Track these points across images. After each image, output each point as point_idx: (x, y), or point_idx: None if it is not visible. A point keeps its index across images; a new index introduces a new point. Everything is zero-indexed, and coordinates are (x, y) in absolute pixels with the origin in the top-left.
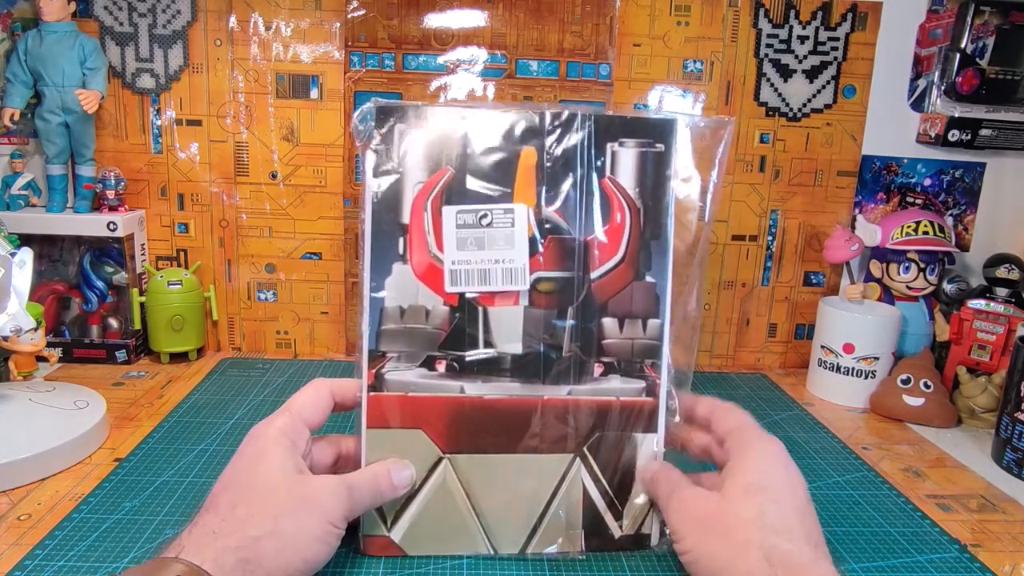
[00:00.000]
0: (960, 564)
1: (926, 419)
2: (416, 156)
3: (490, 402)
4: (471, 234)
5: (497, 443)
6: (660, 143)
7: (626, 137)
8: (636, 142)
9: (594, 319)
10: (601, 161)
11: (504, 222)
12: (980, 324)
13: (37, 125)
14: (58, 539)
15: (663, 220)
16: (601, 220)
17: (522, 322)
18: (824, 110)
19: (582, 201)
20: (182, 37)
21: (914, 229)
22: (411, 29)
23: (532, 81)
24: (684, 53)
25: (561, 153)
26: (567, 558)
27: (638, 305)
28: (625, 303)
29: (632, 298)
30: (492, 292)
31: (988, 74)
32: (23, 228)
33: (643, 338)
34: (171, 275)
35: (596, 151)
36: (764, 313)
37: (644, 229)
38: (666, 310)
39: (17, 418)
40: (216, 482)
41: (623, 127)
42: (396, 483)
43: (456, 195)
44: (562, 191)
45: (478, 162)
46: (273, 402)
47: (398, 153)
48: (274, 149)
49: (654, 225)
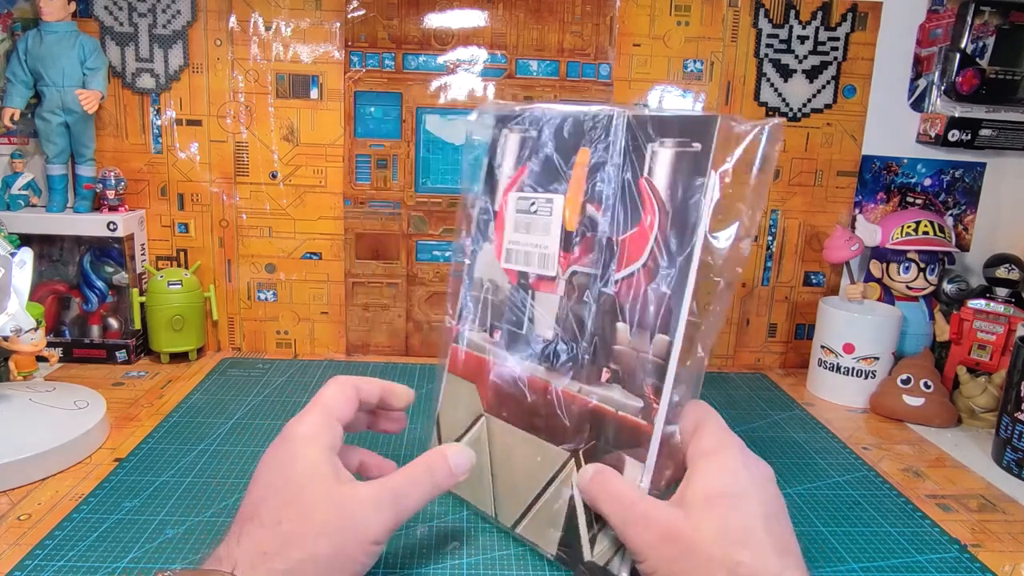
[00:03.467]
0: (960, 564)
1: (926, 419)
2: (511, 153)
3: (516, 378)
4: (523, 219)
5: (516, 417)
6: (697, 142)
7: (665, 136)
8: (674, 142)
9: (611, 321)
10: (640, 161)
11: (545, 210)
12: (980, 324)
13: (37, 125)
14: (58, 539)
15: (691, 227)
16: (632, 220)
17: (556, 310)
18: (824, 110)
19: (618, 200)
20: (182, 37)
21: (914, 229)
22: (411, 29)
23: (532, 81)
24: (684, 53)
25: (605, 150)
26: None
27: (648, 315)
28: (638, 310)
29: (644, 306)
30: (529, 273)
31: (988, 74)
32: (23, 228)
33: (647, 352)
34: (171, 275)
35: (635, 152)
36: (764, 313)
37: (669, 234)
38: (679, 328)
39: (17, 418)
40: (251, 482)
41: (662, 126)
42: (455, 469)
43: (527, 188)
44: (601, 189)
45: (546, 160)
46: (273, 402)
47: (502, 152)
48: (274, 149)
49: (680, 231)
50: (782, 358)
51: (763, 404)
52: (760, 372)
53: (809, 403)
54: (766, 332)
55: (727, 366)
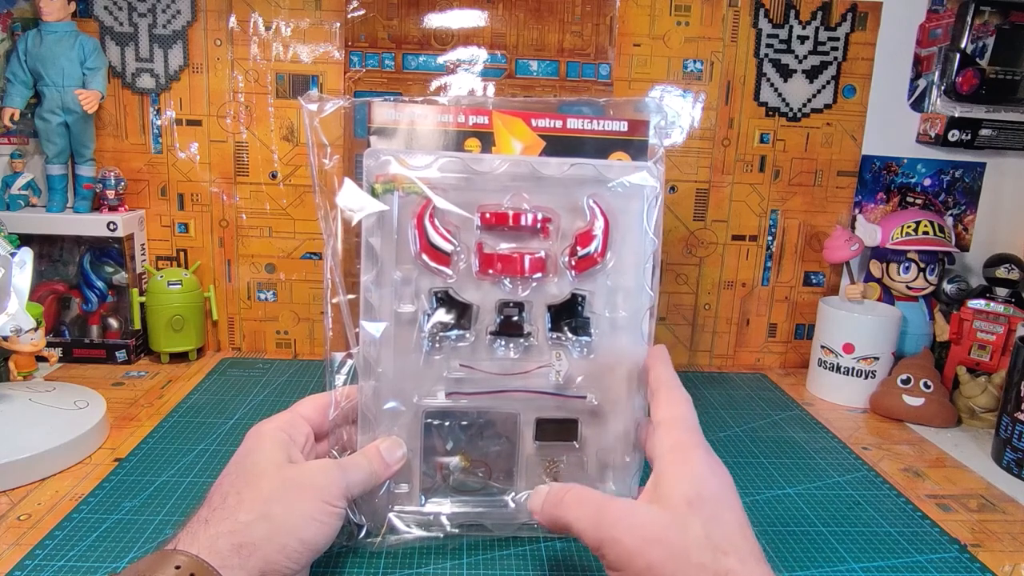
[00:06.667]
0: (960, 564)
1: (926, 419)
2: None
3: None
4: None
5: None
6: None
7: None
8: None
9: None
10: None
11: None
12: (980, 324)
13: (37, 125)
14: (58, 539)
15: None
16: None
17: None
18: (824, 110)
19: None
20: (182, 37)
21: (914, 229)
22: (411, 29)
23: (532, 81)
24: (684, 53)
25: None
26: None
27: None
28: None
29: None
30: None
31: (988, 74)
32: (23, 228)
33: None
34: (171, 275)
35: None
36: (764, 313)
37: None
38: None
39: (17, 418)
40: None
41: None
42: (389, 461)
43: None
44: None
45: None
46: (273, 402)
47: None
48: (274, 149)
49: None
50: (782, 358)
51: (763, 404)
52: (760, 372)
53: (809, 403)
54: (766, 332)
55: (727, 366)
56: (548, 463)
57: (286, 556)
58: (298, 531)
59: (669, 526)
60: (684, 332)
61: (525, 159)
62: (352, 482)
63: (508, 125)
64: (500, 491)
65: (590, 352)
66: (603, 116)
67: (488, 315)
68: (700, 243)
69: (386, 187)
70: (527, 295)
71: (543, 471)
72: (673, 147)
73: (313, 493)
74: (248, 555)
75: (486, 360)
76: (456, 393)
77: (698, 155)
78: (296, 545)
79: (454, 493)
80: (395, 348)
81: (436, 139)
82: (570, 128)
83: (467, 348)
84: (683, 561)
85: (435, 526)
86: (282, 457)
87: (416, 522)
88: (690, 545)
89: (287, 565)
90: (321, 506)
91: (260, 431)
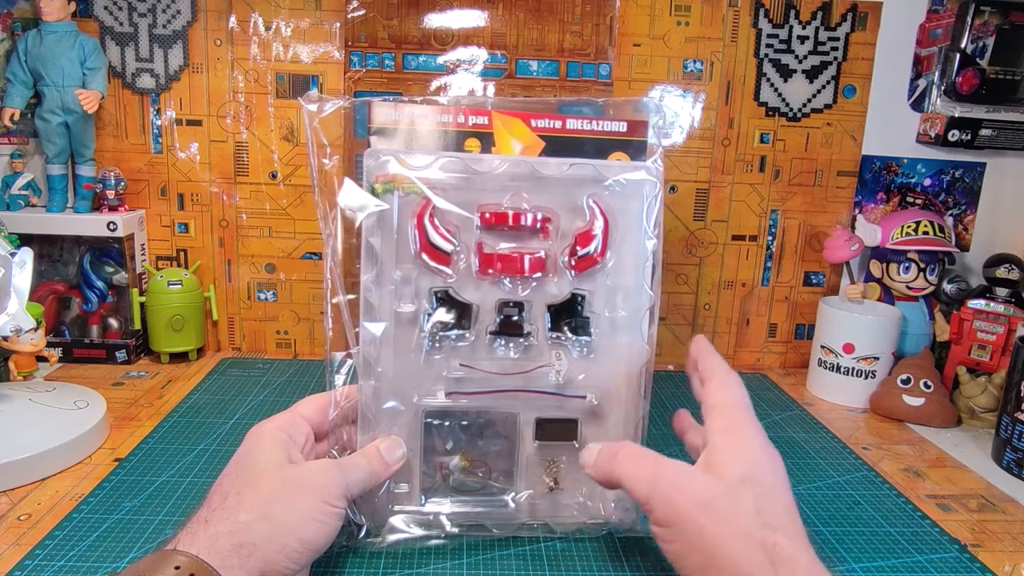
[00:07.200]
0: (960, 564)
1: (926, 419)
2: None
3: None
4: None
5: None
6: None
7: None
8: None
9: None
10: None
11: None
12: (980, 324)
13: (37, 125)
14: (58, 539)
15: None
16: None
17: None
18: (824, 110)
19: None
20: (182, 37)
21: (914, 229)
22: (411, 29)
23: (532, 81)
24: (684, 53)
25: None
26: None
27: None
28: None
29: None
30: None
31: (988, 74)
32: (23, 228)
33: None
34: (171, 275)
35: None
36: (764, 313)
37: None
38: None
39: (17, 418)
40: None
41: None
42: (389, 461)
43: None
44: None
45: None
46: (273, 402)
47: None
48: (274, 149)
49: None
50: (782, 358)
51: (763, 404)
52: (760, 372)
53: (809, 403)
54: (766, 332)
55: None
56: (548, 463)
57: (286, 556)
58: (298, 531)
59: (722, 495)
60: (684, 332)
61: (525, 159)
62: (352, 482)
63: (508, 125)
64: (500, 491)
65: (590, 352)
66: (602, 116)
67: (488, 315)
68: (700, 243)
69: (386, 187)
70: (527, 295)
71: (543, 471)
72: (673, 147)
73: (313, 493)
74: (248, 555)
75: (486, 360)
76: (456, 393)
77: (698, 155)
78: (296, 545)
79: (454, 493)
80: (395, 348)
81: (436, 139)
82: (569, 128)
83: (467, 348)
84: (733, 528)
85: (435, 526)
86: (282, 457)
87: (416, 522)
88: (741, 516)
89: (287, 565)
90: (321, 506)
91: (260, 431)
